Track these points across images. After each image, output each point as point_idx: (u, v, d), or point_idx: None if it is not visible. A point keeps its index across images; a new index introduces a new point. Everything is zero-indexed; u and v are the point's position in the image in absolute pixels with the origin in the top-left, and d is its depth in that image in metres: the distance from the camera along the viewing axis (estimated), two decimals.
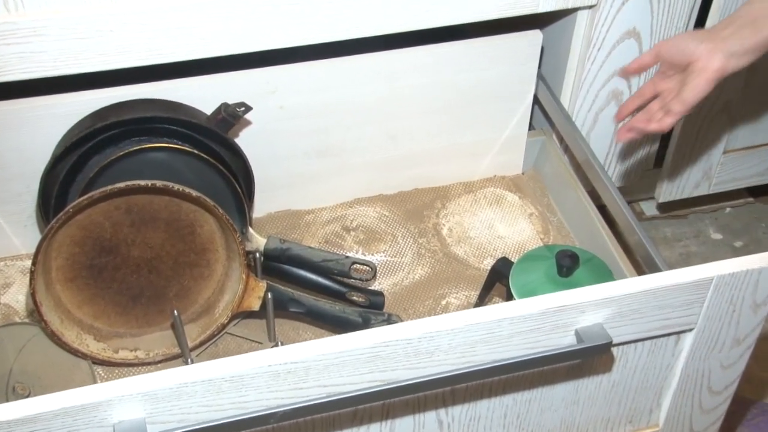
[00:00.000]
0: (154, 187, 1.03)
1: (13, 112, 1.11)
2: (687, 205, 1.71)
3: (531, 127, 1.39)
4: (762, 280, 0.91)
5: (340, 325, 1.13)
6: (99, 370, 1.11)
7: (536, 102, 1.36)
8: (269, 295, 1.11)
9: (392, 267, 1.27)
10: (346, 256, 1.17)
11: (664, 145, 1.47)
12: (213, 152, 1.13)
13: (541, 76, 1.33)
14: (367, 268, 1.17)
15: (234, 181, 1.13)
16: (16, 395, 1.04)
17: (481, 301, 1.18)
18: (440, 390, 0.91)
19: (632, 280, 0.89)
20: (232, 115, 1.12)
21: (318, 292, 1.17)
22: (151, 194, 1.06)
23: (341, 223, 1.32)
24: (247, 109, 1.14)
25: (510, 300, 1.09)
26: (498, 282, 1.15)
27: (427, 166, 1.35)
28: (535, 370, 0.92)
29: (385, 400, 0.89)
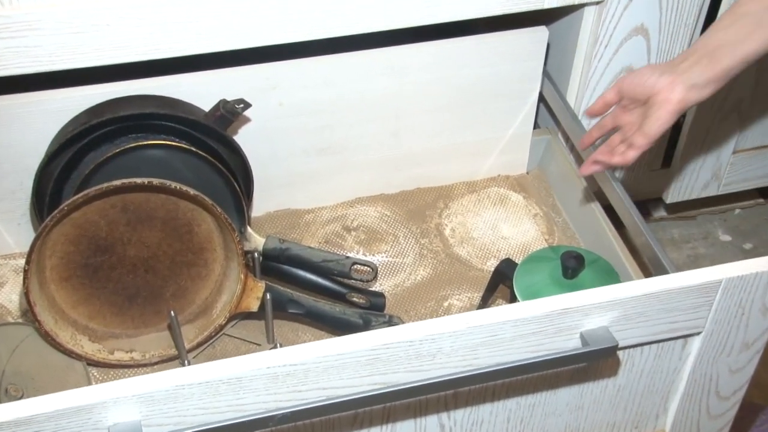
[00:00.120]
0: (151, 185, 1.03)
1: (7, 108, 1.11)
2: (695, 206, 1.72)
3: (536, 126, 1.39)
4: None
5: (340, 327, 1.13)
6: (94, 371, 1.11)
7: (541, 100, 1.36)
8: (268, 296, 1.11)
9: (393, 268, 1.27)
10: (347, 257, 1.17)
11: (672, 145, 1.47)
12: (211, 150, 1.13)
13: (546, 73, 1.33)
14: (368, 269, 1.17)
15: (232, 179, 1.13)
16: (9, 397, 1.04)
17: (484, 303, 1.18)
18: (442, 393, 0.91)
19: (639, 282, 0.89)
20: (230, 112, 1.13)
21: (318, 293, 1.17)
22: (148, 192, 1.06)
23: (342, 223, 1.32)
24: (247, 105, 1.14)
25: (514, 302, 1.09)
26: (501, 284, 1.15)
27: (430, 165, 1.35)
28: (539, 373, 0.92)
29: (386, 404, 0.89)
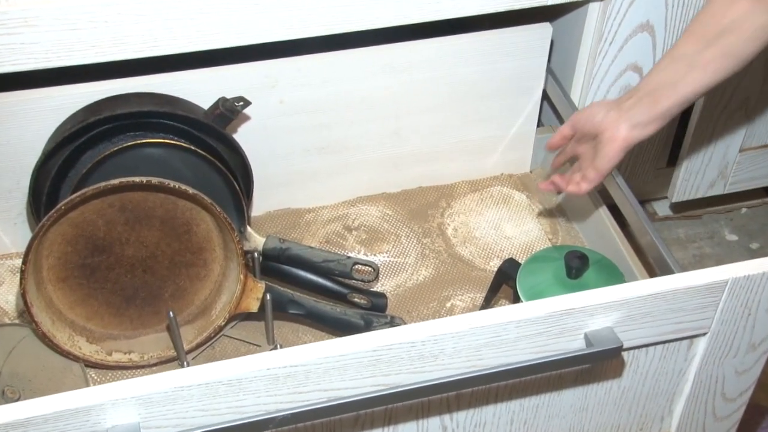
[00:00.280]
0: (150, 184, 1.03)
1: (3, 105, 1.11)
2: (701, 205, 1.72)
3: (540, 124, 1.39)
4: None
5: (341, 328, 1.13)
6: (92, 373, 1.11)
7: (545, 98, 1.36)
8: (268, 297, 1.10)
9: (395, 268, 1.26)
10: (348, 257, 1.17)
11: (678, 143, 1.47)
12: (210, 148, 1.13)
13: (550, 70, 1.34)
14: (370, 269, 1.17)
15: (232, 178, 1.13)
16: (6, 399, 1.03)
17: (487, 304, 1.18)
18: (445, 395, 0.91)
19: (644, 282, 0.89)
20: (230, 110, 1.12)
21: (318, 293, 1.17)
22: (146, 191, 1.06)
23: (343, 223, 1.32)
24: (246, 103, 1.14)
25: (517, 302, 1.09)
26: (504, 284, 1.15)
27: (432, 164, 1.35)
28: (543, 375, 0.92)
29: (388, 405, 0.89)
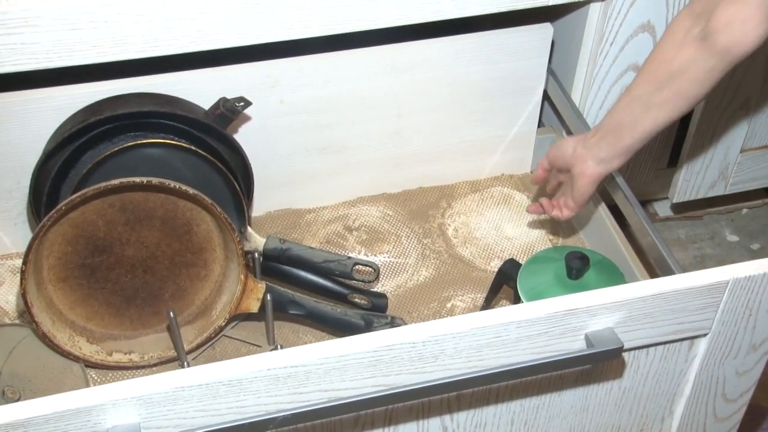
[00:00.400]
0: (150, 185, 1.02)
1: (4, 106, 1.11)
2: (702, 205, 1.72)
3: (540, 124, 1.39)
4: None
5: (341, 328, 1.12)
6: (92, 373, 1.11)
7: (546, 98, 1.36)
8: (268, 297, 1.10)
9: (396, 268, 1.26)
10: (348, 257, 1.17)
11: (679, 143, 1.46)
12: (211, 149, 1.13)
13: (551, 71, 1.33)
14: (370, 270, 1.17)
15: (232, 178, 1.13)
16: (6, 399, 1.03)
17: (488, 304, 1.18)
18: (445, 395, 0.90)
19: (644, 283, 0.88)
20: (230, 111, 1.12)
21: (319, 293, 1.17)
22: (147, 192, 1.06)
23: (343, 223, 1.31)
24: (247, 104, 1.13)
25: (518, 303, 1.09)
26: (505, 284, 1.14)
27: (433, 164, 1.35)
28: (544, 375, 0.92)
29: (388, 406, 0.89)
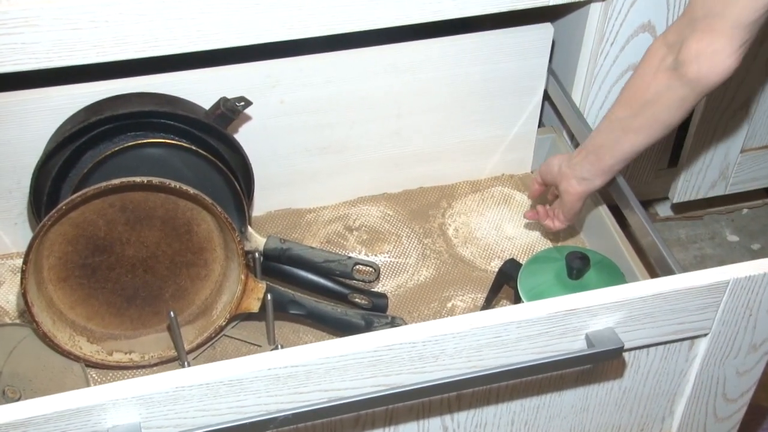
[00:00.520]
0: (150, 184, 1.02)
1: (4, 105, 1.11)
2: (702, 205, 1.71)
3: (541, 124, 1.39)
4: None
5: (341, 328, 1.12)
6: (92, 373, 1.11)
7: (546, 98, 1.36)
8: (269, 297, 1.10)
9: (396, 268, 1.26)
10: (349, 257, 1.17)
11: (679, 144, 1.46)
12: (211, 148, 1.13)
13: (551, 71, 1.33)
14: (370, 270, 1.17)
15: (233, 178, 1.13)
16: (7, 399, 1.03)
17: (488, 304, 1.18)
18: (445, 395, 0.90)
19: (645, 283, 0.88)
20: (231, 110, 1.12)
21: (319, 293, 1.17)
22: (147, 191, 1.06)
23: (343, 223, 1.31)
24: (247, 103, 1.13)
25: (518, 303, 1.09)
26: (506, 284, 1.14)
27: (433, 164, 1.35)
28: (544, 375, 0.92)
29: (389, 406, 0.89)
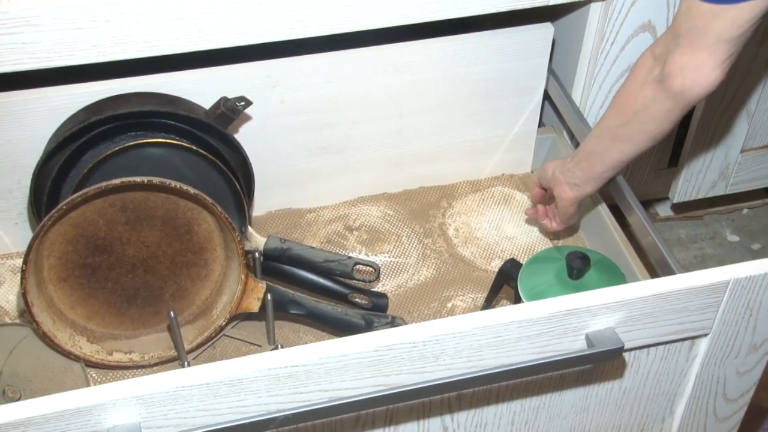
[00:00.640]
0: (151, 184, 1.02)
1: (4, 105, 1.11)
2: (703, 205, 1.71)
3: (541, 124, 1.39)
4: None
5: (342, 328, 1.12)
6: (92, 372, 1.11)
7: (546, 98, 1.36)
8: (269, 297, 1.10)
9: (396, 268, 1.26)
10: (349, 257, 1.16)
11: (679, 143, 1.46)
12: (211, 148, 1.12)
13: (551, 70, 1.33)
14: (371, 269, 1.17)
15: (233, 178, 1.13)
16: (6, 399, 1.03)
17: (489, 304, 1.18)
18: (446, 395, 0.90)
19: (645, 283, 0.88)
20: (231, 110, 1.12)
21: (319, 293, 1.17)
22: (148, 191, 1.06)
23: (344, 223, 1.31)
24: (248, 103, 1.13)
25: (518, 303, 1.09)
26: (506, 284, 1.14)
27: (433, 164, 1.35)
28: (544, 375, 0.92)
29: (389, 406, 0.89)
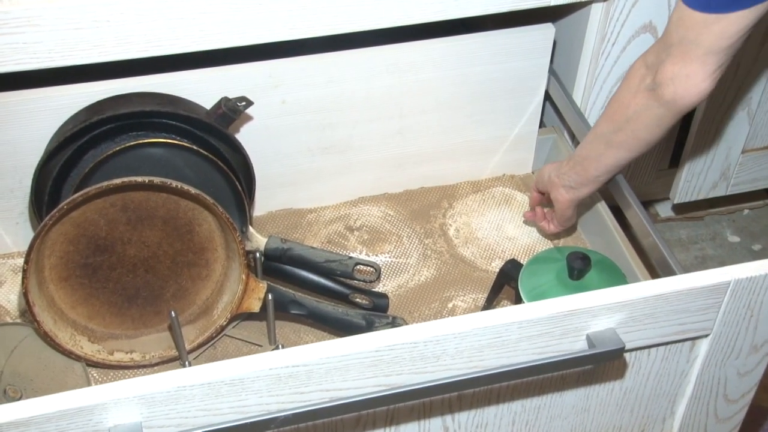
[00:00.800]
0: (152, 184, 1.02)
1: (6, 105, 1.11)
2: (703, 206, 1.71)
3: (542, 125, 1.39)
4: None
5: (342, 328, 1.12)
6: (93, 372, 1.11)
7: (547, 98, 1.35)
8: (270, 297, 1.10)
9: (397, 268, 1.25)
10: (350, 257, 1.16)
11: (680, 144, 1.46)
12: (213, 148, 1.12)
13: (552, 71, 1.33)
14: (371, 270, 1.17)
15: (234, 178, 1.13)
16: (8, 398, 1.03)
17: (489, 305, 1.18)
18: (446, 395, 0.90)
19: (646, 283, 0.88)
20: (232, 110, 1.12)
21: (320, 293, 1.17)
22: (148, 191, 1.06)
23: (344, 223, 1.31)
24: (249, 103, 1.13)
25: (519, 303, 1.09)
26: (506, 285, 1.14)
27: (434, 164, 1.34)
28: (545, 376, 0.92)
29: (390, 406, 0.89)
